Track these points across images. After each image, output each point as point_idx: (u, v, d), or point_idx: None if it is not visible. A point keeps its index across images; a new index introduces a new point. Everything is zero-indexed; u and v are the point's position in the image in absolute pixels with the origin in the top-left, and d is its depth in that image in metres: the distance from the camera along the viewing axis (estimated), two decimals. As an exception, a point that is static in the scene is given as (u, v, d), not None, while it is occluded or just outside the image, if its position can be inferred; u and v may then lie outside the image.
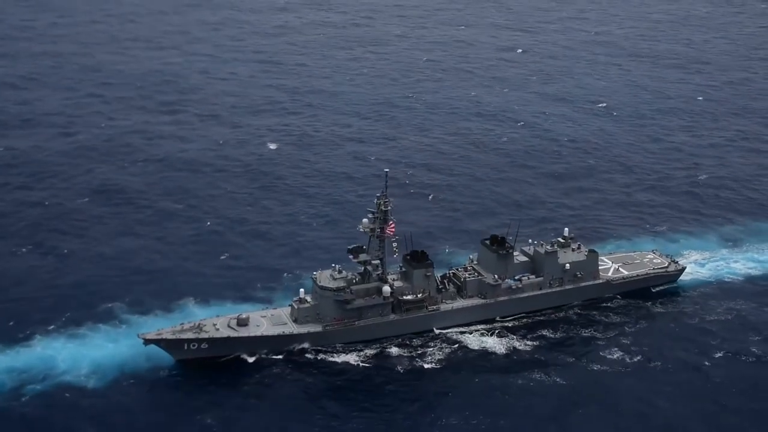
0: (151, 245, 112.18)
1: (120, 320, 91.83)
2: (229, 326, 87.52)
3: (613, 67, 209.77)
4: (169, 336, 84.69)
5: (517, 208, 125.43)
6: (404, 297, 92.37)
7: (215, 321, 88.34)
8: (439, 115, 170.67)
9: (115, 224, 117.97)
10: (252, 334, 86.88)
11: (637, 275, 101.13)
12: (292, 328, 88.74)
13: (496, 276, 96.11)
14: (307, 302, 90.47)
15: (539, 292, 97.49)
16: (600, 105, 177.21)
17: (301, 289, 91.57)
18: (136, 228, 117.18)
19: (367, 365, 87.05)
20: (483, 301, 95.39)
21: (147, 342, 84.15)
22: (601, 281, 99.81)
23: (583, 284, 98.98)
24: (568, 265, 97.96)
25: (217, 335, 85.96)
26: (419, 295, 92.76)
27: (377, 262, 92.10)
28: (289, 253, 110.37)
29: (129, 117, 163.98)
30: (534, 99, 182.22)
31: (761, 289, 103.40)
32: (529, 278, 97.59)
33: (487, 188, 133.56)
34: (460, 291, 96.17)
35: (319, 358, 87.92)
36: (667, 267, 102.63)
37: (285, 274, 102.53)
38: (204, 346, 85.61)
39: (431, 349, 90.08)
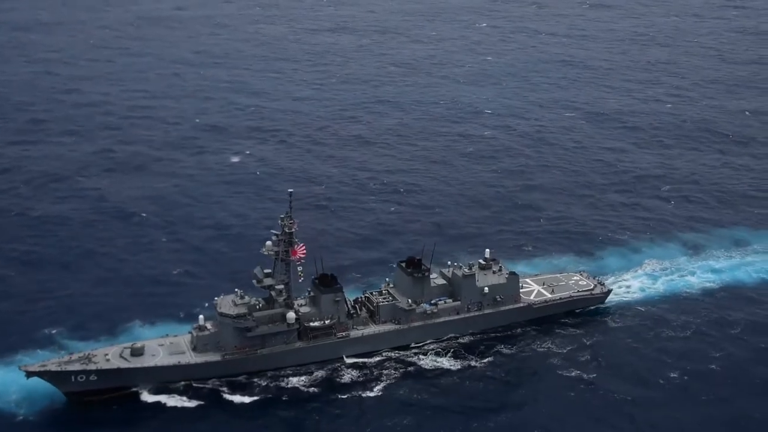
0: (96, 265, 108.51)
1: (60, 346, 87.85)
2: (121, 356, 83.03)
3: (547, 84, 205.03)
4: (54, 368, 79.99)
5: (444, 227, 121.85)
6: (311, 323, 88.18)
7: (108, 350, 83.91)
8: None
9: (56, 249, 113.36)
10: (145, 365, 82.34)
11: (560, 298, 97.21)
12: (189, 358, 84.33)
13: (410, 300, 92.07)
14: (207, 329, 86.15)
15: (456, 317, 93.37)
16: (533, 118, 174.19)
17: (201, 316, 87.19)
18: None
19: (269, 396, 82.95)
20: (396, 326, 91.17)
21: (29, 374, 79.50)
22: (522, 305, 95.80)
23: (503, 308, 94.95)
24: (486, 288, 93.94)
25: (107, 366, 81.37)
26: (327, 322, 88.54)
27: (281, 286, 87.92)
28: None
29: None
30: (469, 111, 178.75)
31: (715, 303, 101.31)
32: (446, 302, 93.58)
33: (413, 208, 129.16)
34: (373, 316, 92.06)
35: (222, 389, 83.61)
36: (592, 289, 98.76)
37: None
38: (93, 378, 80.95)
39: (342, 376, 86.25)
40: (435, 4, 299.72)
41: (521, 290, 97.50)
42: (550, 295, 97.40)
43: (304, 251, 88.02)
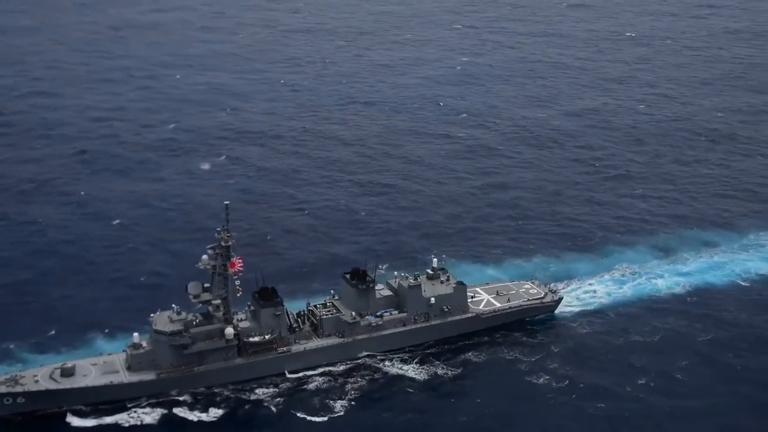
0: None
1: (17, 359, 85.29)
2: (51, 377, 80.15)
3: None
4: (-22, 391, 77.34)
5: (420, 228, 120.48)
6: (251, 339, 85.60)
7: (38, 371, 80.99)
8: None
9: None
10: (76, 386, 79.54)
11: (510, 307, 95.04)
12: (123, 377, 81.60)
13: (353, 313, 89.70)
14: (142, 347, 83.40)
15: (403, 329, 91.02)
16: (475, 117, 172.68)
17: (135, 333, 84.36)
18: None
19: (210, 414, 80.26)
20: (340, 340, 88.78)
21: (-46, 398, 76.79)
22: (470, 315, 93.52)
23: (451, 319, 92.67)
24: (433, 299, 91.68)
25: (35, 388, 78.52)
26: (267, 336, 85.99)
27: (218, 301, 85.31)
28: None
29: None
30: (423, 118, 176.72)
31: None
32: (391, 314, 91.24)
33: (368, 215, 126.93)
34: (317, 330, 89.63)
35: (157, 409, 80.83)
36: (542, 298, 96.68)
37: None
38: (21, 400, 78.16)
39: (278, 397, 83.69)
40: (411, 5, 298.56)
41: (473, 299, 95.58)
42: (499, 305, 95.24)
43: (242, 264, 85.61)
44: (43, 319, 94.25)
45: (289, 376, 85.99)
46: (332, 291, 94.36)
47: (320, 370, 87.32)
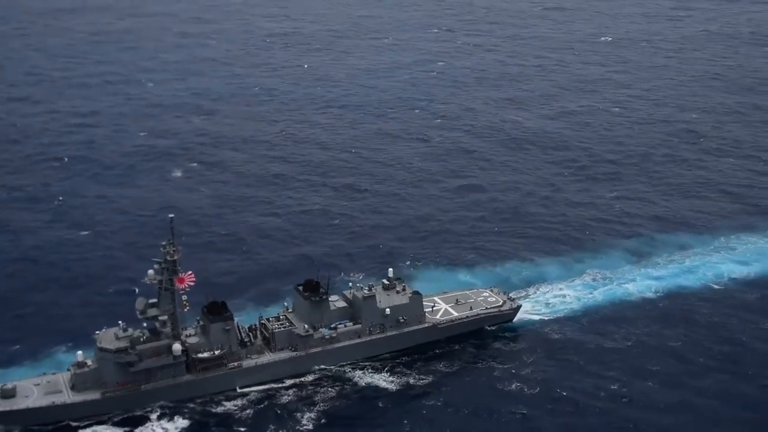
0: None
1: None
2: (-9, 399, 78.34)
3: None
4: None
5: (391, 230, 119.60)
6: (200, 354, 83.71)
7: (-22, 393, 79.10)
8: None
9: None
10: (15, 408, 77.52)
11: (467, 316, 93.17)
12: (66, 397, 79.61)
13: (306, 326, 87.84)
14: (87, 366, 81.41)
15: (358, 341, 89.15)
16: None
17: (79, 352, 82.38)
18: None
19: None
20: (293, 353, 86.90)
21: None
22: (427, 325, 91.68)
23: (407, 329, 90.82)
24: (388, 309, 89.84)
25: (-28, 411, 76.75)
26: (217, 352, 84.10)
27: (165, 317, 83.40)
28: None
29: None
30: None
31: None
32: (346, 326, 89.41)
33: (363, 212, 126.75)
34: (269, 344, 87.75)
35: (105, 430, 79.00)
36: (501, 306, 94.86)
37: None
38: (-41, 423, 76.47)
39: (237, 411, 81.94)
40: (389, 9, 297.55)
41: (433, 309, 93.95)
42: (456, 314, 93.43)
43: (193, 279, 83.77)
44: (10, 329, 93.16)
45: (245, 390, 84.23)
46: (285, 304, 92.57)
47: (289, 382, 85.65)
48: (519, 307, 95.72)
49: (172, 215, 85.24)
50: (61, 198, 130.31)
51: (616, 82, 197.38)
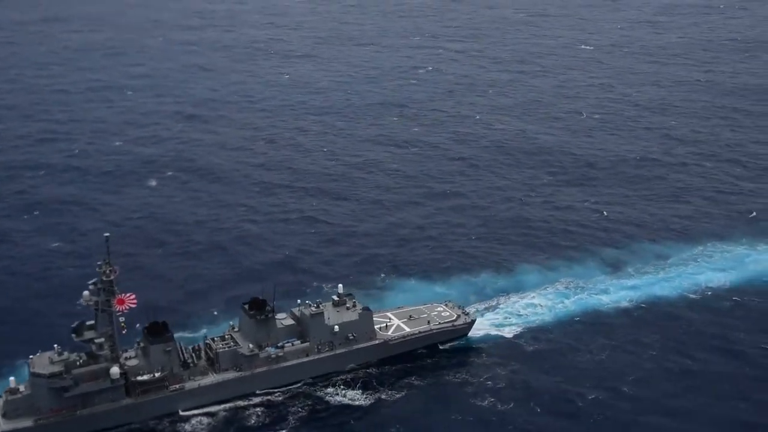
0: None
1: None
2: None
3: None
4: None
5: (362, 243, 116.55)
6: (139, 377, 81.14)
7: None
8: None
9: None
10: (-60, 439, 75.26)
11: (419, 332, 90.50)
12: (-3, 426, 77.22)
13: (251, 345, 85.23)
14: (20, 392, 78.82)
15: (305, 360, 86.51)
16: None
17: (11, 378, 79.80)
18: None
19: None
20: (238, 374, 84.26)
21: None
22: (377, 342, 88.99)
23: (357, 347, 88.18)
24: (337, 326, 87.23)
25: None
26: (157, 374, 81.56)
27: (101, 340, 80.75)
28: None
29: None
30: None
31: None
32: (293, 345, 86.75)
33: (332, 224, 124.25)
34: (214, 364, 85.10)
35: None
36: (454, 321, 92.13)
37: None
38: None
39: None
40: (370, 16, 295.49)
41: (386, 325, 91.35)
42: (408, 330, 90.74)
43: (134, 301, 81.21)
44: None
45: (188, 413, 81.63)
46: (231, 323, 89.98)
47: (255, 400, 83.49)
48: (473, 321, 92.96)
49: (107, 234, 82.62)
50: (36, 212, 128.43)
51: (597, 87, 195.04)
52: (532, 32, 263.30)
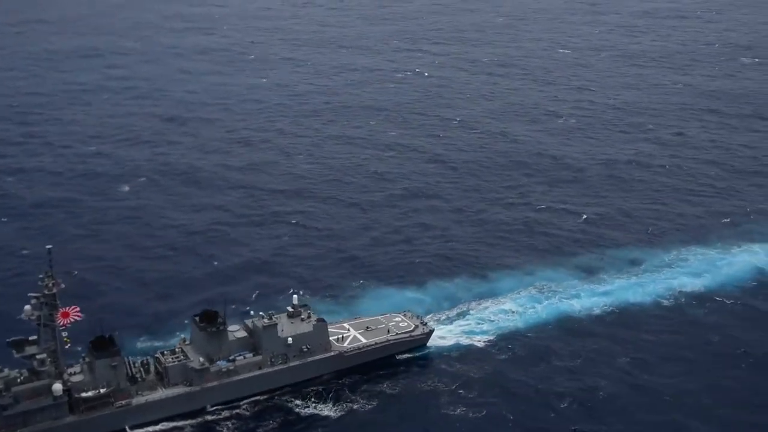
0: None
1: None
2: None
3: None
4: None
5: (331, 254, 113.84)
6: (83, 394, 78.64)
7: None
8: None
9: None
10: None
11: (376, 343, 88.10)
12: (-69, 446, 74.71)
13: (201, 359, 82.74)
14: (-43, 412, 76.44)
15: (258, 373, 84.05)
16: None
17: (-50, 397, 77.39)
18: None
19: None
20: (188, 389, 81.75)
21: None
22: (332, 353, 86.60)
23: (311, 359, 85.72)
24: (290, 339, 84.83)
25: None
26: (102, 390, 79.02)
27: (43, 355, 78.25)
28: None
29: None
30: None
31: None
32: (245, 358, 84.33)
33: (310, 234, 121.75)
34: (163, 379, 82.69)
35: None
36: (412, 331, 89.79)
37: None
38: None
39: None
40: (354, 21, 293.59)
41: (342, 336, 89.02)
42: (365, 341, 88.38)
43: (79, 314, 78.83)
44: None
45: (136, 431, 79.21)
46: (182, 335, 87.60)
47: (227, 413, 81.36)
48: (432, 331, 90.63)
49: (50, 246, 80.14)
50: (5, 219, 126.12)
51: (575, 90, 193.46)
52: (512, 36, 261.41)
